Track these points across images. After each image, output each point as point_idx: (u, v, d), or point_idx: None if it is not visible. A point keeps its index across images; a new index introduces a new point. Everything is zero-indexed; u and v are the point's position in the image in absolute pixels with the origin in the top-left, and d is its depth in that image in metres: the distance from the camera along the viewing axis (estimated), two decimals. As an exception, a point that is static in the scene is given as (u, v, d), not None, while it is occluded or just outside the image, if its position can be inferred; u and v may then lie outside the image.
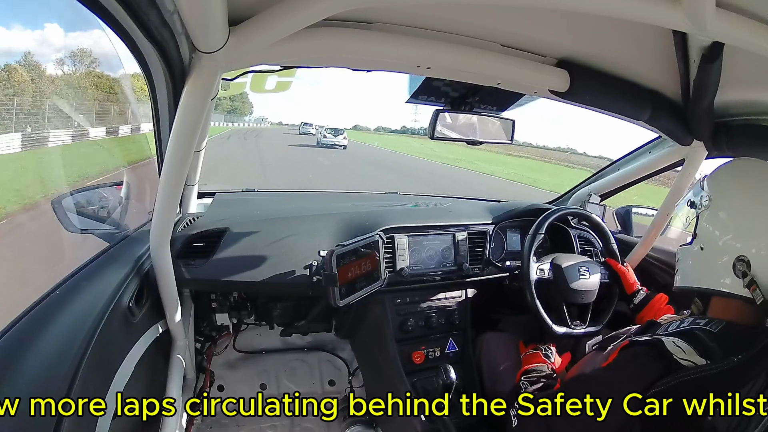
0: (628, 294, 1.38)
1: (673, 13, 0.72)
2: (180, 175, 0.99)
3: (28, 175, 7.52)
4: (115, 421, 0.86)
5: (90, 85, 18.77)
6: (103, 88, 18.49)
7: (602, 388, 0.87)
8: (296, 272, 1.35)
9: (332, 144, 22.13)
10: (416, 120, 70.98)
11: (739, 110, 1.12)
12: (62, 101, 14.73)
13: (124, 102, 16.89)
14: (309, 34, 0.80)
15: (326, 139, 22.44)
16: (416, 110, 67.16)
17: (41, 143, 10.46)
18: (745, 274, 0.85)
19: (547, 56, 1.04)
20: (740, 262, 0.86)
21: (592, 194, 1.78)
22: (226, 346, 1.73)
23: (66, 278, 0.95)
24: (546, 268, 1.40)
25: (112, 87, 18.18)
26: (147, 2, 0.64)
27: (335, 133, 23.02)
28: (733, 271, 0.87)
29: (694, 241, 0.96)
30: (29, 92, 14.17)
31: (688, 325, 0.92)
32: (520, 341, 1.36)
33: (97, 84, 18.80)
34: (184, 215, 1.45)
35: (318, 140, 23.09)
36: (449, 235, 1.53)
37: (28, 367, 0.70)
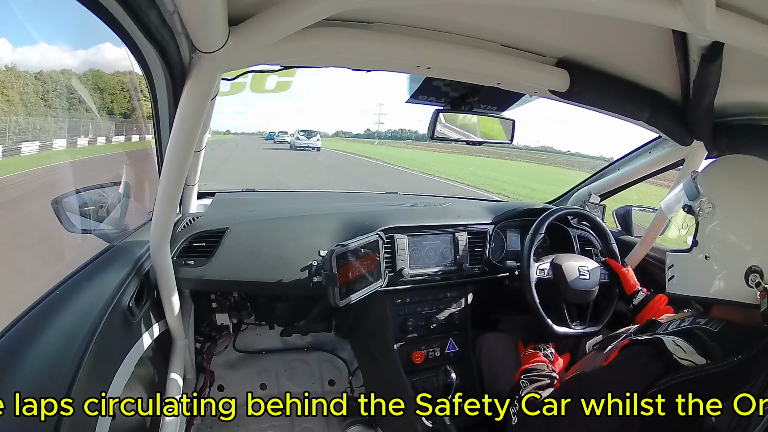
0: (628, 294, 1.38)
1: (673, 13, 0.72)
2: (180, 175, 0.99)
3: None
4: (115, 420, 0.86)
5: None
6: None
7: (602, 388, 0.87)
8: (296, 272, 1.35)
9: (306, 146, 22.45)
10: (382, 123, 68.90)
11: (738, 110, 1.12)
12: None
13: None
14: (309, 34, 0.80)
15: (299, 142, 22.77)
16: (380, 111, 67.05)
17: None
18: (759, 284, 0.83)
19: (547, 56, 1.04)
20: (753, 273, 0.84)
21: (592, 194, 1.78)
22: (226, 346, 1.73)
23: (66, 278, 0.95)
24: (546, 268, 1.40)
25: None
26: (147, 2, 0.64)
27: (308, 135, 23.29)
28: (745, 281, 0.85)
29: (694, 248, 0.94)
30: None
31: (688, 324, 0.92)
32: (519, 341, 1.36)
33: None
34: (184, 215, 1.46)
35: (291, 143, 23.49)
36: (449, 235, 1.53)
37: (29, 367, 0.70)
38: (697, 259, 0.93)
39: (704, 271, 0.92)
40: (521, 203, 1.78)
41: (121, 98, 17.73)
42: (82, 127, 14.95)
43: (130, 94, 14.45)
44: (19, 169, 8.64)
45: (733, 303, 0.88)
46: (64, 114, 15.14)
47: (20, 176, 7.91)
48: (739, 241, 0.88)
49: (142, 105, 5.83)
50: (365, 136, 62.42)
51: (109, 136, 15.26)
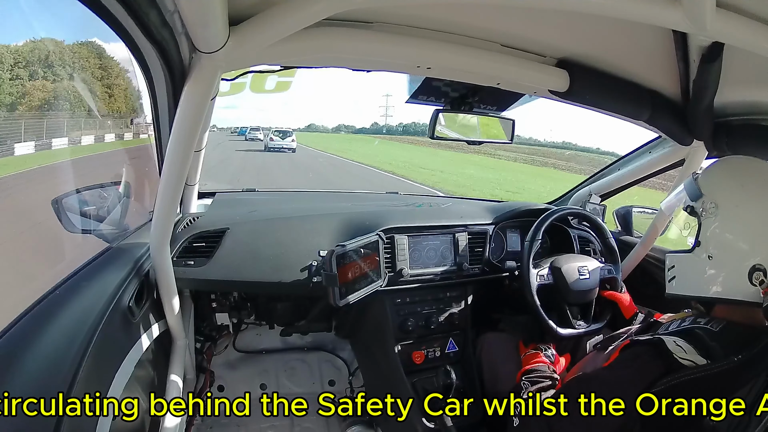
0: (627, 319, 1.37)
1: (673, 13, 0.72)
2: (180, 175, 0.99)
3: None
4: (116, 420, 0.86)
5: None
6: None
7: (603, 388, 0.87)
8: (296, 272, 1.35)
9: (280, 147, 20.52)
10: (390, 115, 58.83)
11: (738, 110, 1.12)
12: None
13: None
14: (309, 34, 0.80)
15: (273, 143, 20.83)
16: (387, 103, 57.35)
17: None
18: (762, 282, 0.84)
19: (547, 56, 1.04)
20: (757, 271, 0.85)
21: (592, 194, 1.78)
22: (226, 346, 1.73)
23: (66, 278, 0.95)
24: (545, 273, 1.40)
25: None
26: (147, 2, 0.64)
27: (283, 135, 21.42)
28: (749, 280, 0.85)
29: (696, 249, 0.94)
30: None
31: (688, 324, 0.92)
32: (520, 341, 1.36)
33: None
34: (184, 215, 1.45)
35: (265, 144, 21.40)
36: (449, 236, 1.53)
37: (29, 367, 0.70)
38: (700, 260, 0.93)
39: (707, 271, 0.92)
40: (521, 203, 1.77)
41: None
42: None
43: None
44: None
45: (735, 302, 0.88)
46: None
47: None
48: (742, 241, 0.88)
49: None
50: (372, 131, 54.64)
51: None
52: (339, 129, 62.98)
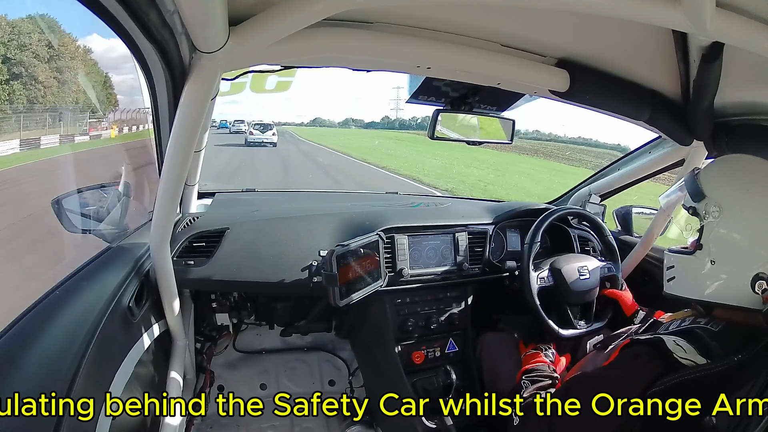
0: (628, 316, 1.37)
1: (673, 13, 0.72)
2: (180, 175, 0.99)
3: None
4: (116, 420, 0.86)
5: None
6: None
7: (603, 387, 0.87)
8: (296, 272, 1.35)
9: (260, 141, 19.78)
10: (401, 108, 55.11)
11: (738, 110, 1.12)
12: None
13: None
14: (309, 34, 0.80)
15: (253, 137, 20.10)
16: (397, 96, 52.84)
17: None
18: (765, 291, 0.83)
19: (547, 56, 1.04)
20: (761, 280, 0.84)
21: (592, 194, 1.78)
22: (226, 346, 1.74)
23: (66, 278, 0.95)
24: (546, 275, 1.40)
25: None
26: (147, 2, 0.64)
27: (263, 129, 20.62)
28: (752, 288, 0.85)
29: (698, 251, 0.93)
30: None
31: (689, 323, 0.92)
32: (520, 341, 1.36)
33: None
34: (184, 215, 1.46)
35: (245, 138, 20.55)
36: (449, 235, 1.53)
37: (29, 367, 0.70)
38: (702, 263, 0.92)
39: (709, 275, 0.91)
40: (522, 203, 1.77)
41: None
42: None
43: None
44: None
45: (736, 308, 0.88)
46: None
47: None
48: (748, 247, 0.87)
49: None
50: (382, 125, 51.66)
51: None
52: (347, 123, 59.18)
